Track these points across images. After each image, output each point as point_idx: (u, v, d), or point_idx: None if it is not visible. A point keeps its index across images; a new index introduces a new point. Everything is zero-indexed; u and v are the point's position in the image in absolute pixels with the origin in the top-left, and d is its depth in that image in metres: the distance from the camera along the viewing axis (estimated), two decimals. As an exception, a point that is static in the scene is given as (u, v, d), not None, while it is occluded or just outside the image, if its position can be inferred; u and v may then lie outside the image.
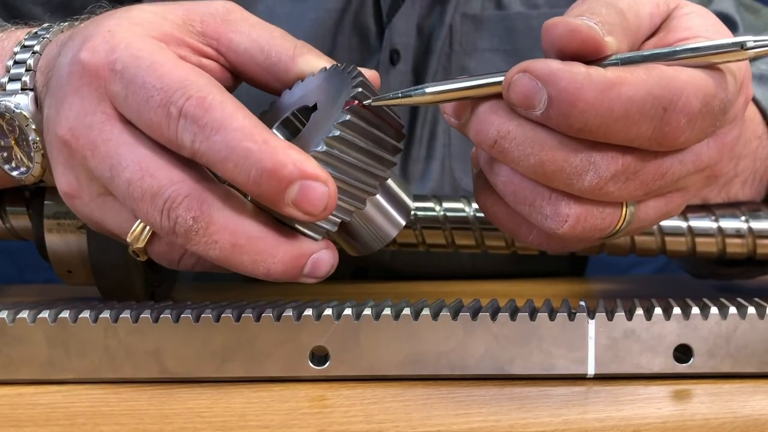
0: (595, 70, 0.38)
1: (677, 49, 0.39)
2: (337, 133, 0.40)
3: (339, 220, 0.41)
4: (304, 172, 0.39)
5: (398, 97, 0.41)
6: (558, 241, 0.45)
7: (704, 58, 0.39)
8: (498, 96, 0.40)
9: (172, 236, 0.40)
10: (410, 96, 0.41)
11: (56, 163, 0.43)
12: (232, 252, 0.40)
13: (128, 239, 0.42)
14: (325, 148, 0.40)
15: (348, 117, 0.40)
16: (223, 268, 0.41)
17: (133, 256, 0.43)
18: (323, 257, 0.41)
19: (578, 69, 0.38)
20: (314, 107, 0.43)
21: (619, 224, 0.42)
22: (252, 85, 0.47)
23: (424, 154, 0.74)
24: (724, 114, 0.41)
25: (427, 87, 0.41)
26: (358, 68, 0.43)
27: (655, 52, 0.39)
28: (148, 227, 0.42)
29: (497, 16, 0.74)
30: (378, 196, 0.44)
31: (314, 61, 0.46)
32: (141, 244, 0.42)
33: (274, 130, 0.44)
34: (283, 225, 0.41)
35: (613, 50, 0.39)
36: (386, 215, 0.44)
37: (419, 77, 0.74)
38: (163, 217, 0.40)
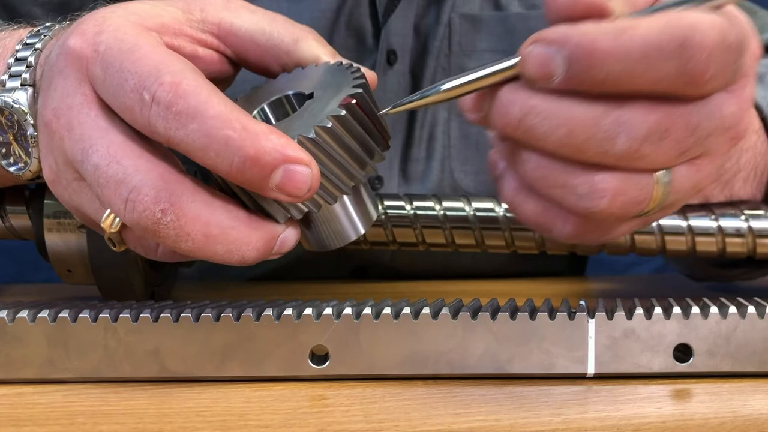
0: (604, 23, 0.38)
1: None
2: (329, 124, 0.40)
3: (306, 209, 0.42)
4: (287, 156, 0.39)
5: (414, 100, 0.41)
6: (596, 228, 0.43)
7: (712, 2, 0.39)
8: (516, 79, 0.39)
9: (137, 227, 0.40)
10: (427, 96, 0.41)
11: (42, 147, 0.43)
12: (205, 243, 0.40)
13: (101, 226, 0.42)
14: (313, 135, 0.40)
15: (343, 113, 0.40)
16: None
17: (110, 245, 0.43)
18: (289, 235, 0.42)
19: (588, 25, 0.38)
20: (310, 96, 0.43)
21: (656, 197, 0.41)
22: (252, 69, 0.47)
23: (423, 155, 0.74)
24: (742, 51, 0.40)
25: (443, 84, 0.41)
26: (362, 70, 0.43)
27: (660, 6, 0.39)
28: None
29: (496, 17, 0.74)
30: (347, 198, 0.44)
31: (317, 48, 0.46)
32: (114, 229, 0.42)
33: (265, 106, 0.45)
34: (248, 208, 0.41)
35: (618, 12, 0.39)
36: (350, 218, 0.45)
37: (417, 77, 0.74)
38: (127, 207, 0.39)
